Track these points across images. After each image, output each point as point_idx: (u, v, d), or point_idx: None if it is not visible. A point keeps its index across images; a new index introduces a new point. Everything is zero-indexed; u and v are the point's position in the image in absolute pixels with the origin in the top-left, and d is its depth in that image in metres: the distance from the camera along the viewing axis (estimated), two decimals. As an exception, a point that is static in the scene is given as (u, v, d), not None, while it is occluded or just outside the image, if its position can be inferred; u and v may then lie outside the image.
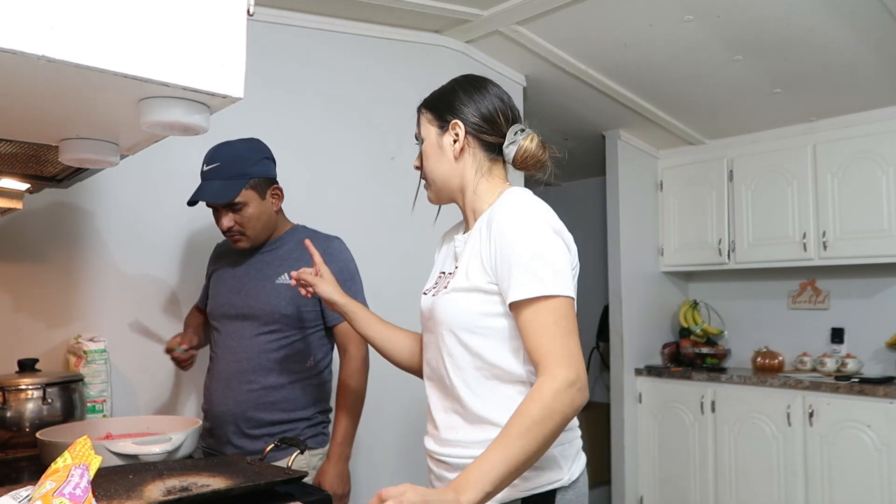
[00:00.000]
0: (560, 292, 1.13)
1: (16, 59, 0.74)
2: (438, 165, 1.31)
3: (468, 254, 1.25)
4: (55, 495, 0.85)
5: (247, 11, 0.90)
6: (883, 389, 3.09)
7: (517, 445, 1.03)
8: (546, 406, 1.05)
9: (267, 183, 1.84)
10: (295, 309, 1.82)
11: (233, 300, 1.87)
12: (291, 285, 1.65)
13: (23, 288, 1.98)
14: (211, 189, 1.77)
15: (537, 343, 1.12)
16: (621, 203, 4.02)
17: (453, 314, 1.23)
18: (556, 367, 1.09)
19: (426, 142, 1.33)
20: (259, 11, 0.96)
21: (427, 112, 1.34)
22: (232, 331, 1.86)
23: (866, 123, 3.42)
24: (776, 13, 2.54)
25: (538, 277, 1.13)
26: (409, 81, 2.85)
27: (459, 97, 1.30)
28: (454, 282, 1.25)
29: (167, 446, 1.42)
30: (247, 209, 1.79)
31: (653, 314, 4.21)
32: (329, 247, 1.85)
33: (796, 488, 3.33)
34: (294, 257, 1.85)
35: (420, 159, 1.35)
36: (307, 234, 1.89)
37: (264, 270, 1.86)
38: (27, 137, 1.15)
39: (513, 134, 1.28)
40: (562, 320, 1.12)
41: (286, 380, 1.82)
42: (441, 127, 1.31)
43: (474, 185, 1.29)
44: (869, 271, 3.62)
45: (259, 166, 1.82)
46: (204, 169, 1.80)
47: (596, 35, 2.79)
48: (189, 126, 0.92)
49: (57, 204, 2.03)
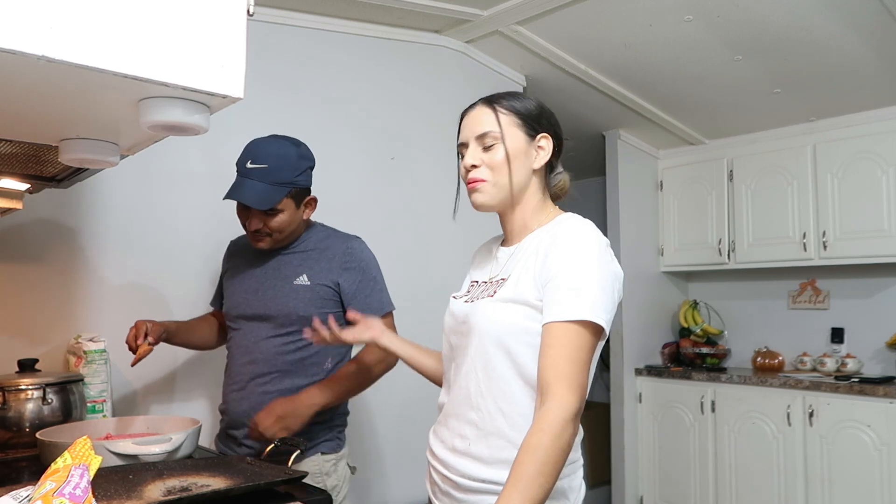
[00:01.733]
0: (595, 319, 1.13)
1: (16, 59, 0.74)
2: (520, 171, 1.28)
3: (521, 267, 1.24)
4: (55, 495, 0.85)
5: (247, 11, 0.90)
6: (883, 389, 3.09)
7: (537, 485, 1.03)
8: (557, 438, 1.06)
9: (305, 192, 1.79)
10: (313, 311, 1.74)
11: (249, 300, 1.82)
12: (308, 285, 1.65)
13: (23, 288, 1.98)
14: (253, 192, 1.67)
15: (553, 362, 1.12)
16: (621, 203, 4.02)
17: (498, 323, 1.22)
18: (567, 395, 1.09)
19: (512, 144, 1.27)
20: (259, 11, 0.96)
21: (511, 114, 1.28)
22: (248, 331, 1.82)
23: (866, 123, 3.42)
24: (776, 13, 2.54)
25: (581, 302, 1.13)
26: (409, 81, 2.85)
27: (549, 115, 1.33)
28: (502, 292, 1.24)
29: (167, 446, 1.42)
30: (281, 216, 1.73)
31: (653, 314, 4.21)
32: (348, 247, 1.81)
33: (796, 488, 3.33)
34: (313, 259, 1.80)
35: (482, 159, 1.28)
36: (329, 236, 1.85)
37: (282, 270, 1.80)
38: (27, 137, 1.15)
39: (560, 166, 1.36)
40: (583, 350, 1.13)
41: (302, 383, 1.76)
42: (529, 135, 1.29)
43: (533, 201, 1.31)
44: (869, 271, 3.62)
45: (304, 176, 1.75)
46: (248, 166, 1.69)
47: (596, 35, 2.79)
48: (189, 126, 0.92)
49: (57, 204, 2.02)
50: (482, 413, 1.22)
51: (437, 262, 2.81)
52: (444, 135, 2.78)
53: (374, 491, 2.62)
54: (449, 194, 1.46)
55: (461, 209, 1.41)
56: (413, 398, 2.71)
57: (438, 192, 2.75)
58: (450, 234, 2.67)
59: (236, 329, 1.86)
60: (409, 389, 2.68)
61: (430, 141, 2.86)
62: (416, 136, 2.85)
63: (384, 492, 2.64)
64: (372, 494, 2.61)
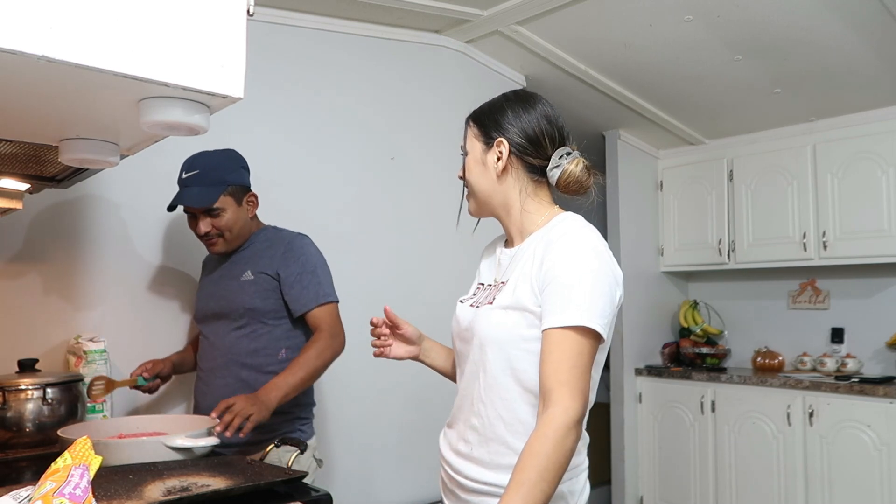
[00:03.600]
0: (589, 325, 1.12)
1: (16, 59, 0.74)
2: (481, 181, 1.30)
3: (518, 272, 1.23)
4: (55, 495, 0.85)
5: (247, 11, 0.90)
6: (883, 389, 3.09)
7: (539, 490, 1.03)
8: (560, 443, 1.05)
9: (243, 191, 1.93)
10: (259, 302, 1.88)
11: (208, 302, 1.98)
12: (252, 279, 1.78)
13: (23, 288, 1.98)
14: (191, 194, 1.85)
15: (554, 369, 1.11)
16: (621, 203, 4.02)
17: (496, 330, 1.22)
18: (569, 401, 1.08)
19: (470, 155, 1.32)
20: (259, 11, 0.96)
21: (474, 126, 1.33)
22: (210, 332, 1.96)
23: (866, 123, 3.42)
24: (776, 13, 2.53)
25: (577, 307, 1.12)
26: (409, 81, 2.85)
27: (507, 115, 1.29)
28: (500, 298, 1.24)
29: (214, 440, 1.49)
30: (224, 214, 1.87)
31: (653, 314, 4.21)
32: (290, 242, 1.93)
33: (796, 488, 3.33)
34: (257, 255, 1.93)
35: (464, 170, 1.34)
36: (275, 235, 1.97)
37: (232, 270, 1.95)
38: (27, 137, 1.15)
39: (557, 157, 1.27)
40: (583, 355, 1.12)
41: (259, 374, 1.86)
42: (486, 143, 1.30)
43: (520, 204, 1.29)
44: (869, 271, 3.62)
45: (236, 174, 1.90)
46: (183, 176, 1.87)
47: (596, 35, 2.79)
48: (189, 126, 0.92)
49: (57, 204, 2.03)
50: (483, 419, 1.23)
51: (437, 262, 2.80)
52: (444, 135, 2.78)
53: (374, 490, 2.62)
54: (449, 194, 1.47)
55: (463, 210, 1.42)
56: (415, 398, 2.71)
57: (438, 191, 2.76)
58: (450, 234, 2.67)
59: (203, 331, 2.00)
60: (411, 389, 2.69)
61: (430, 141, 2.86)
62: (416, 136, 2.85)
63: (385, 492, 2.64)
64: (373, 494, 2.61)
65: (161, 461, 1.40)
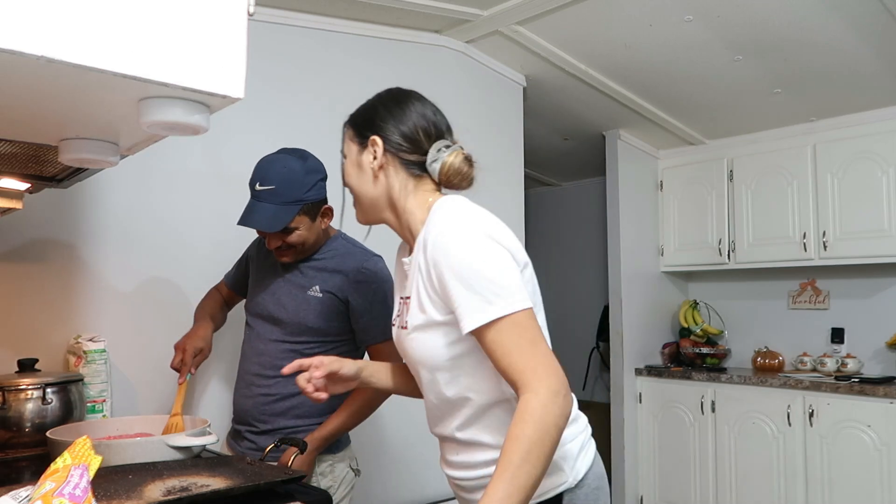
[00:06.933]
0: (513, 309, 1.07)
1: (16, 59, 0.74)
2: (360, 183, 1.28)
3: (418, 284, 1.19)
4: (55, 495, 0.85)
5: (247, 11, 0.90)
6: (883, 389, 3.09)
7: (523, 472, 1.01)
8: (539, 422, 1.02)
9: (319, 204, 1.77)
10: (323, 323, 1.77)
11: (266, 302, 1.84)
12: (320, 297, 1.67)
13: (23, 288, 1.98)
14: (264, 215, 1.67)
15: (508, 362, 1.08)
16: (621, 203, 4.02)
17: (422, 354, 1.21)
18: (535, 381, 1.05)
19: (347, 159, 1.30)
20: (259, 11, 0.96)
21: (349, 128, 1.31)
22: (261, 331, 1.85)
23: (866, 123, 3.42)
24: (776, 13, 2.54)
25: (487, 300, 1.07)
26: (410, 82, 2.82)
27: (379, 114, 1.27)
28: (411, 319, 1.21)
29: (213, 438, 1.50)
30: (297, 232, 1.73)
31: (653, 314, 4.21)
32: (364, 265, 1.78)
33: (796, 488, 3.33)
34: (328, 271, 1.80)
35: (343, 175, 1.32)
36: (346, 250, 1.83)
37: (299, 279, 1.82)
38: (27, 137, 1.15)
39: (436, 151, 1.23)
40: (525, 333, 1.08)
41: None
42: (361, 143, 1.27)
43: (403, 203, 1.25)
44: (869, 271, 3.62)
45: (314, 191, 1.72)
46: (257, 188, 1.69)
47: (596, 35, 2.79)
48: (189, 126, 0.92)
49: (57, 204, 2.02)
50: (453, 430, 1.24)
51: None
52: (444, 135, 2.78)
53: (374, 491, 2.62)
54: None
55: None
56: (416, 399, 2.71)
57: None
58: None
59: (251, 327, 1.89)
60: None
61: (430, 141, 2.86)
62: (416, 136, 2.85)
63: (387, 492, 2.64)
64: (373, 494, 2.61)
65: (161, 461, 1.40)
